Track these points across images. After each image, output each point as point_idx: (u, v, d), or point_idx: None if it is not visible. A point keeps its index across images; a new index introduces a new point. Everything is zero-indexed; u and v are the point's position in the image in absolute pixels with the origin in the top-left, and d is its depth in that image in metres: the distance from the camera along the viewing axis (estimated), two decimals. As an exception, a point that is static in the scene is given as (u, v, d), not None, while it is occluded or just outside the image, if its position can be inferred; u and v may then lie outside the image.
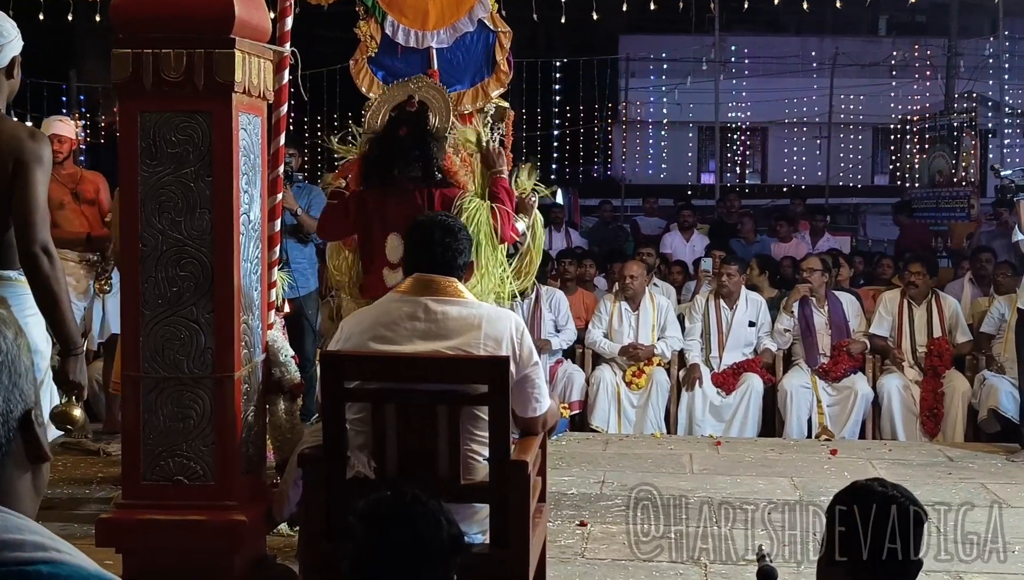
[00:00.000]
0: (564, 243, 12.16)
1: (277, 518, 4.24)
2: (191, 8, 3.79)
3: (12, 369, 1.41)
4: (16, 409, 1.41)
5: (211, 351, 3.86)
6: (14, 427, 1.41)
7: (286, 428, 4.32)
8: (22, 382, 1.42)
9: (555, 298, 8.57)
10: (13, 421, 1.41)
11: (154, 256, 3.85)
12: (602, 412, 8.11)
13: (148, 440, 3.89)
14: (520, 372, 3.65)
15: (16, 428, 1.41)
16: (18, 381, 1.42)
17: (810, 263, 8.68)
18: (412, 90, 5.19)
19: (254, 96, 3.99)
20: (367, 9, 5.84)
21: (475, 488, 3.58)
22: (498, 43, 5.86)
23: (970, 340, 8.27)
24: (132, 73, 3.79)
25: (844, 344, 8.26)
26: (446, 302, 3.65)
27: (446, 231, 3.73)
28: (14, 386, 1.41)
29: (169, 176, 3.83)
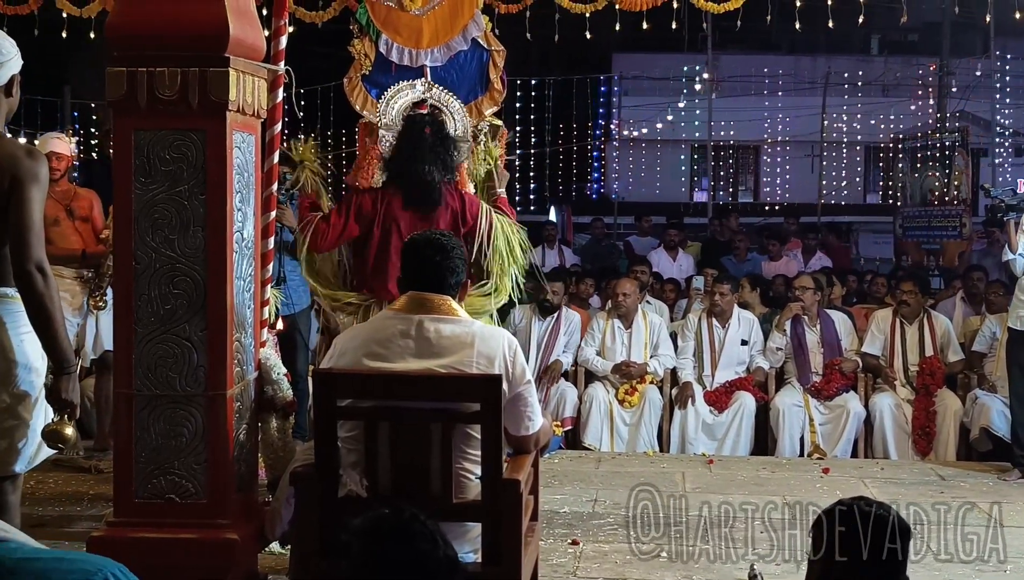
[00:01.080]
0: (557, 260, 12.17)
1: (269, 536, 4.24)
2: (186, 27, 3.80)
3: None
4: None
5: (204, 369, 3.87)
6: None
7: (278, 446, 4.32)
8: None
9: (573, 321, 8.60)
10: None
11: (147, 273, 3.85)
12: (595, 430, 8.11)
13: (140, 458, 3.89)
14: (513, 390, 3.66)
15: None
16: None
17: (802, 281, 8.69)
18: (423, 94, 5.37)
19: (248, 114, 4.01)
20: (361, 27, 5.87)
21: (467, 506, 3.58)
22: (492, 61, 5.89)
23: (962, 359, 8.28)
24: (127, 91, 3.80)
25: (836, 362, 8.27)
26: (439, 320, 3.66)
27: (439, 249, 3.74)
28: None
29: (163, 194, 3.84)
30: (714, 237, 13.16)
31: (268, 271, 4.50)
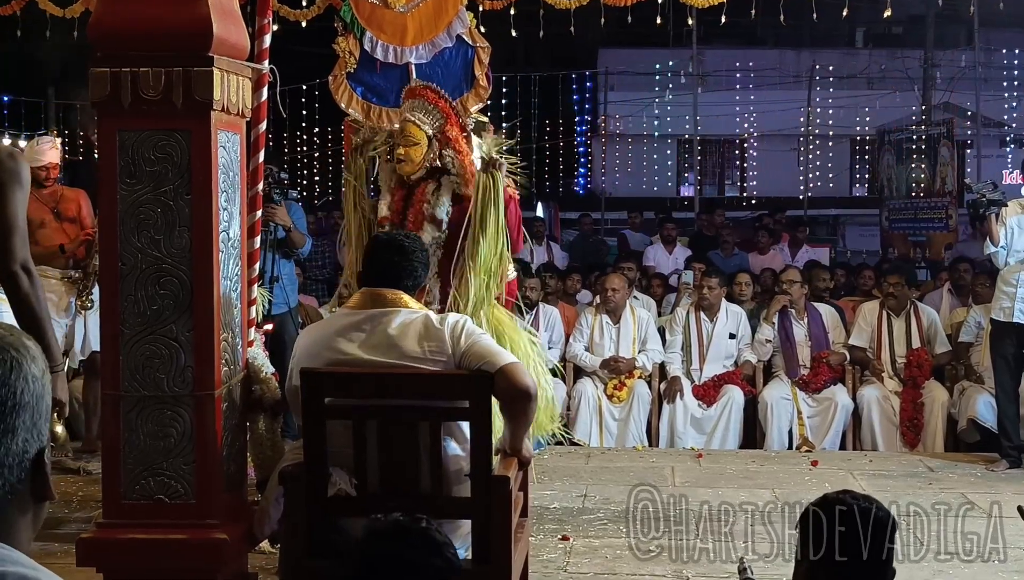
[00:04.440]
0: (545, 257, 12.18)
1: (259, 536, 4.23)
2: (169, 27, 3.79)
3: (35, 409, 1.39)
4: (32, 449, 1.39)
5: (191, 369, 3.85)
6: (27, 467, 1.39)
7: (267, 445, 4.31)
8: (41, 422, 1.40)
9: (551, 316, 8.60)
10: (27, 462, 1.39)
11: (133, 274, 3.84)
12: (584, 425, 8.12)
13: (128, 459, 3.88)
14: (466, 343, 3.63)
15: (28, 468, 1.39)
16: (38, 421, 1.39)
17: (789, 275, 8.72)
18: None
19: (233, 114, 3.99)
20: (346, 25, 5.86)
21: (458, 503, 3.58)
22: (477, 58, 5.88)
23: (949, 350, 8.31)
24: (111, 92, 3.78)
25: (824, 355, 8.29)
26: (390, 313, 3.72)
27: (398, 250, 3.85)
28: (34, 426, 1.39)
29: (148, 194, 3.82)
30: (701, 231, 13.19)
31: (255, 270, 4.49)
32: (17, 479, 1.37)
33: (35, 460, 1.39)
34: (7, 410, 1.36)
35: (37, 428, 1.39)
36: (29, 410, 1.37)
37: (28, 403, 1.37)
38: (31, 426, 1.38)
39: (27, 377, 1.38)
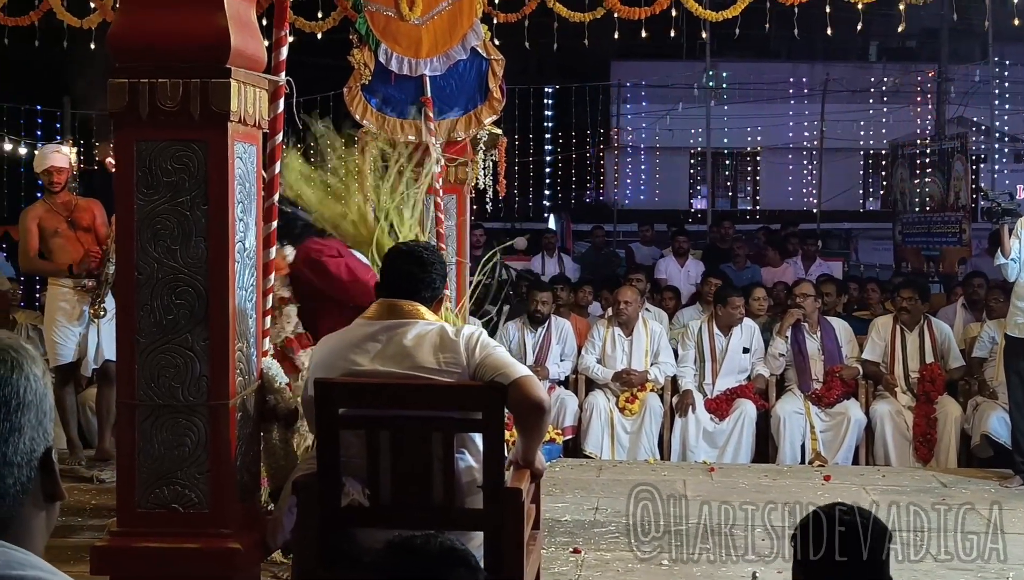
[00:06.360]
0: (557, 269, 12.19)
1: (271, 545, 4.23)
2: (187, 38, 3.81)
3: (39, 408, 1.42)
4: (39, 448, 1.42)
5: (206, 379, 3.87)
6: (36, 466, 1.41)
7: (280, 455, 4.32)
8: (46, 421, 1.43)
9: (563, 328, 8.61)
10: (35, 460, 1.41)
11: (149, 284, 3.85)
12: (595, 438, 8.11)
13: (143, 468, 3.89)
14: (481, 355, 3.63)
15: (37, 467, 1.42)
16: (43, 419, 1.42)
17: (803, 288, 8.70)
18: None
19: (249, 125, 4.01)
20: (361, 37, 5.88)
21: (470, 515, 3.58)
22: (491, 70, 5.90)
23: (962, 365, 8.28)
24: (128, 102, 3.80)
25: (837, 370, 8.27)
26: (406, 324, 3.72)
27: (417, 262, 3.83)
28: (39, 424, 1.42)
29: (165, 204, 3.84)
30: (714, 245, 13.17)
31: (270, 281, 4.50)
32: (27, 478, 1.39)
33: (43, 459, 1.41)
34: (12, 408, 1.39)
35: (43, 426, 1.42)
36: (33, 408, 1.40)
37: (32, 402, 1.40)
38: (36, 424, 1.41)
39: (29, 376, 1.41)
